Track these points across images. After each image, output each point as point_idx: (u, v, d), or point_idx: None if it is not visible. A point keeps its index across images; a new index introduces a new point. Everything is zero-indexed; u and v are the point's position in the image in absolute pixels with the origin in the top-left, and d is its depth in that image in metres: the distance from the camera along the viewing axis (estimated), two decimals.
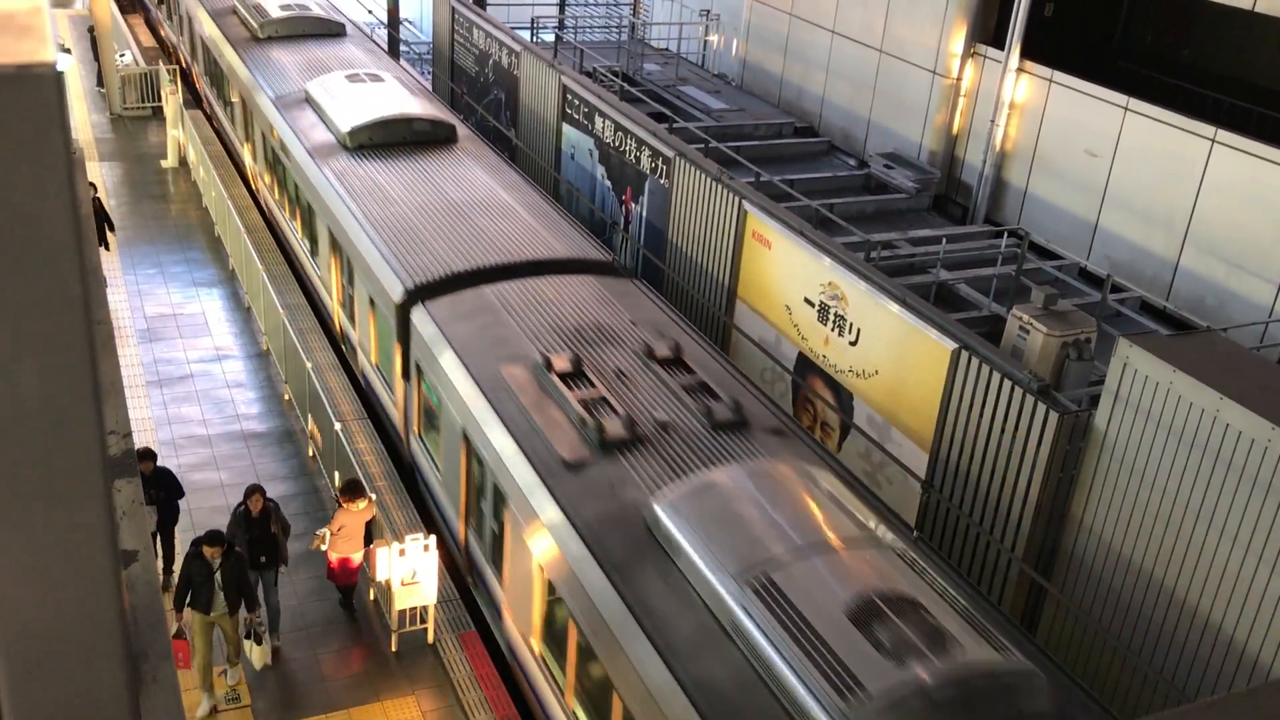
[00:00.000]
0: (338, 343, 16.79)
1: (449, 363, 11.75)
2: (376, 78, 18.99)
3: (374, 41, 24.05)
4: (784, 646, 7.61)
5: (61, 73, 1.05)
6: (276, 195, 19.56)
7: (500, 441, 10.49)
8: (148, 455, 11.98)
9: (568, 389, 10.67)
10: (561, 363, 11.01)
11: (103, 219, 18.62)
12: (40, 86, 1.00)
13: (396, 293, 13.00)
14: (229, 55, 22.25)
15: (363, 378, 15.49)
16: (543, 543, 9.59)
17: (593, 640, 8.83)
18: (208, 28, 24.36)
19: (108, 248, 19.30)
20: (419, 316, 12.63)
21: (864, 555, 8.45)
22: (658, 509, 9.01)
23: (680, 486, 9.24)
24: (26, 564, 1.17)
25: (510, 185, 16.02)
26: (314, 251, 17.30)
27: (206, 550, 10.58)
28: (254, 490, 11.44)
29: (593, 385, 10.82)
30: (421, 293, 12.88)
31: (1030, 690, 7.59)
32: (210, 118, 25.73)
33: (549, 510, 9.54)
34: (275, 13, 22.88)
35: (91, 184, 18.34)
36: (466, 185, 15.81)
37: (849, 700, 7.15)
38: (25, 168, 1.00)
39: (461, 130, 18.02)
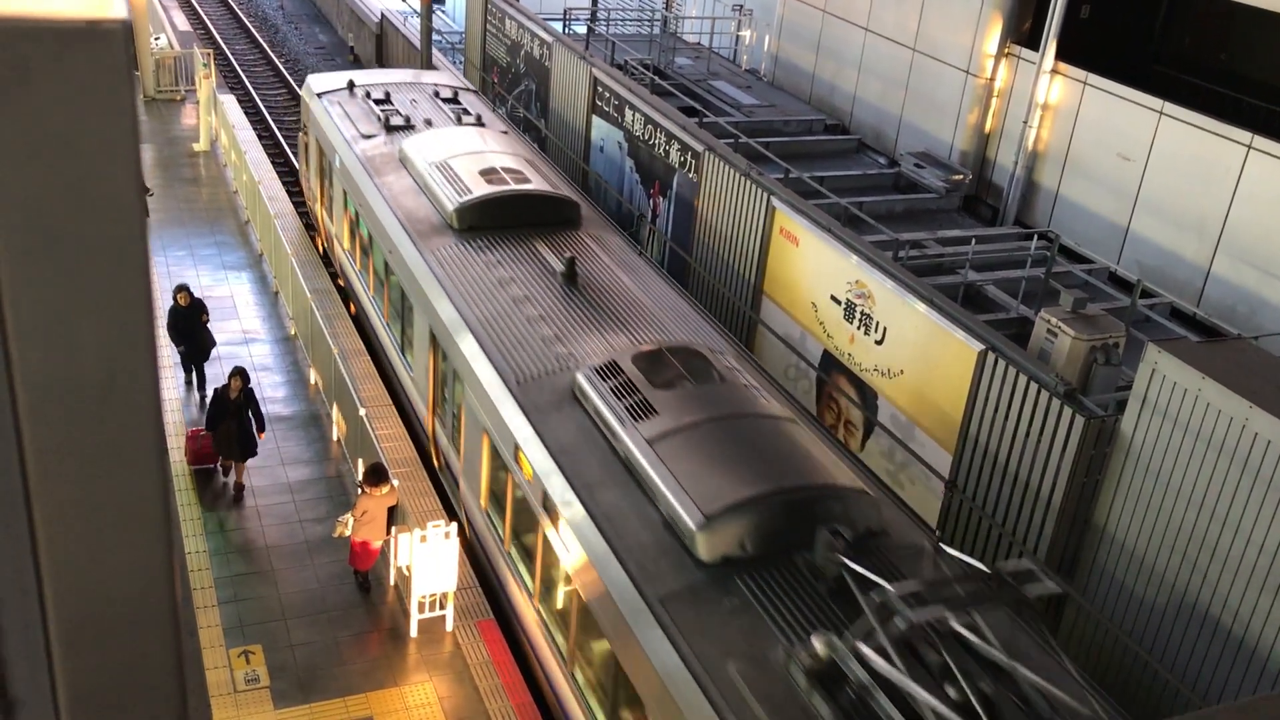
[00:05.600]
0: None
1: None
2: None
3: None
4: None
5: (131, 28, 1.05)
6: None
7: None
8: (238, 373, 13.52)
9: None
10: None
11: (248, 413, 13.41)
12: (110, 41, 1.01)
13: None
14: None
15: None
16: None
17: None
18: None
19: (249, 454, 13.58)
20: None
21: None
22: None
23: None
24: (85, 531, 1.17)
25: None
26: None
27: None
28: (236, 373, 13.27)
29: None
30: None
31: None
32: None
33: None
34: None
35: (240, 370, 13.54)
36: None
37: None
38: (94, 123, 1.00)
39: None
